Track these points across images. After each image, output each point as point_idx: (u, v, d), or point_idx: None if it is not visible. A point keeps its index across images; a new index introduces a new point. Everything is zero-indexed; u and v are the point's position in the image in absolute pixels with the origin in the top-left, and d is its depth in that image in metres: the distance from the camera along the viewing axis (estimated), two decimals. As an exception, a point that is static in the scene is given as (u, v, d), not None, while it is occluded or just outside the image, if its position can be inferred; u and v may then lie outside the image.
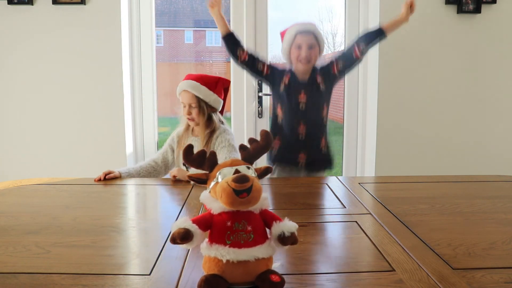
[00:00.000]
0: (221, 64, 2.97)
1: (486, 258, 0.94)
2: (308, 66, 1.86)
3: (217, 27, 1.87)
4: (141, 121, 2.65)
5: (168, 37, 2.99)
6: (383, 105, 2.48)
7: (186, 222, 0.76)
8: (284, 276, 0.79)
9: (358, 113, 2.68)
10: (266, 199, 0.81)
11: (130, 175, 1.76)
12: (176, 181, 1.66)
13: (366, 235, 1.07)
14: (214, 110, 1.85)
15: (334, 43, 2.89)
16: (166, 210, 1.44)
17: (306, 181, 1.74)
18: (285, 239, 0.78)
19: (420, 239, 1.04)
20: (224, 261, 0.75)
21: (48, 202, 1.40)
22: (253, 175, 0.78)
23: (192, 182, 1.54)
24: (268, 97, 2.63)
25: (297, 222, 0.81)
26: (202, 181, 0.82)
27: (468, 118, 2.53)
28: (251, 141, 0.86)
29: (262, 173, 0.85)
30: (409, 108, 2.50)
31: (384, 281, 0.83)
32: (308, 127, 1.86)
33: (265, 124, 2.64)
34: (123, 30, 2.43)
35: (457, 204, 1.34)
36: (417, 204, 1.34)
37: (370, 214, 1.24)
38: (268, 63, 1.90)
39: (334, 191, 1.51)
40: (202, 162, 0.82)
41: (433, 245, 1.00)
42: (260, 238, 0.78)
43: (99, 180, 1.65)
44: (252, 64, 1.87)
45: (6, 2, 2.36)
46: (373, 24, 2.49)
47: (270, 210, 0.83)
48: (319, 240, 1.06)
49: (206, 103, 1.81)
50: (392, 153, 2.52)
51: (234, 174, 0.76)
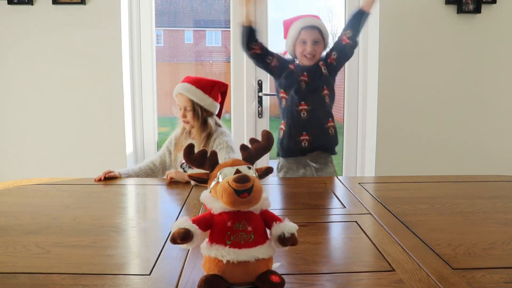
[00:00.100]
0: (221, 64, 2.97)
1: (486, 258, 0.94)
2: (313, 61, 1.89)
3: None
4: (141, 121, 2.65)
5: (168, 37, 2.98)
6: (383, 105, 2.48)
7: (186, 222, 0.76)
8: (284, 276, 0.79)
9: (358, 113, 2.68)
10: (266, 199, 0.81)
11: (129, 176, 1.77)
12: (171, 182, 1.64)
13: (366, 235, 1.07)
14: (209, 113, 1.84)
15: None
16: (166, 210, 1.44)
17: (306, 181, 1.74)
18: (285, 240, 0.78)
19: (420, 239, 1.04)
20: (224, 261, 0.75)
21: (48, 202, 1.40)
22: (254, 175, 0.78)
23: (192, 183, 1.56)
24: (268, 97, 2.63)
25: (297, 222, 0.81)
26: (202, 180, 0.82)
27: (468, 118, 2.53)
28: (252, 141, 0.86)
29: (263, 173, 0.85)
30: (409, 108, 2.50)
31: (384, 281, 0.83)
32: (309, 106, 1.89)
33: (265, 124, 2.63)
34: (123, 30, 2.43)
35: (457, 204, 1.34)
36: (417, 204, 1.34)
37: (370, 214, 1.24)
38: (276, 55, 1.93)
39: (334, 191, 1.51)
40: (203, 161, 0.82)
41: (433, 245, 1.00)
42: (260, 239, 0.78)
43: (99, 180, 1.65)
44: (262, 57, 1.90)
45: (6, 2, 2.35)
46: (373, 24, 2.49)
47: (270, 210, 0.83)
48: (319, 240, 1.06)
49: (201, 107, 1.80)
50: (392, 153, 2.51)
51: (235, 174, 0.76)
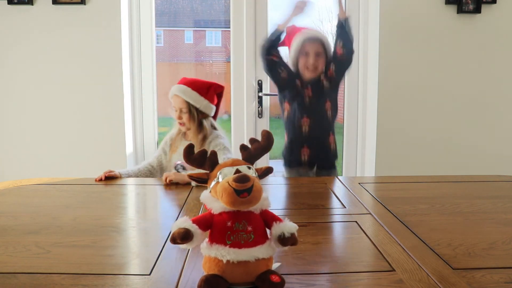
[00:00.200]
0: (221, 64, 2.96)
1: (486, 258, 0.94)
2: (315, 73, 1.88)
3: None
4: (141, 121, 2.65)
5: (168, 37, 2.98)
6: (383, 105, 2.48)
7: (186, 222, 0.76)
8: (284, 276, 0.79)
9: (358, 113, 2.68)
10: (266, 199, 0.81)
11: (129, 176, 1.77)
12: (168, 184, 1.59)
13: (366, 235, 1.07)
14: (205, 115, 1.83)
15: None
16: (166, 210, 1.44)
17: (306, 181, 1.74)
18: (285, 240, 0.78)
19: (420, 239, 1.04)
20: (224, 261, 0.75)
21: (48, 202, 1.40)
22: (254, 175, 0.78)
23: (193, 184, 1.56)
24: (268, 97, 2.63)
25: (297, 222, 0.81)
26: (202, 180, 0.82)
27: (468, 118, 2.53)
28: (252, 141, 0.86)
29: (263, 173, 0.85)
30: (409, 108, 2.50)
31: (384, 281, 0.83)
32: (311, 120, 1.88)
33: (265, 124, 2.63)
34: (123, 30, 2.43)
35: (457, 204, 1.34)
36: (417, 204, 1.34)
37: (370, 214, 1.24)
38: (288, 68, 1.91)
39: (334, 191, 1.51)
40: (203, 161, 0.82)
41: (433, 245, 1.00)
42: (260, 238, 0.78)
43: (100, 180, 1.65)
44: (276, 66, 1.88)
45: (6, 2, 2.35)
46: (373, 24, 2.49)
47: (270, 210, 0.83)
48: (319, 240, 1.06)
49: (196, 109, 1.80)
50: (392, 153, 2.51)
51: (234, 174, 0.76)
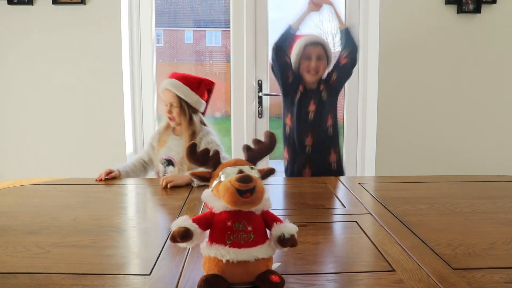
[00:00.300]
0: (221, 64, 2.96)
1: (486, 258, 0.94)
2: (316, 77, 1.88)
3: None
4: (141, 121, 2.65)
5: (168, 37, 2.98)
6: (383, 105, 2.48)
7: (186, 221, 0.76)
8: (284, 276, 0.79)
9: (358, 113, 2.68)
10: (268, 200, 0.81)
11: (128, 175, 1.77)
12: (168, 188, 1.55)
13: (366, 235, 1.07)
14: (195, 111, 1.82)
15: (334, 43, 2.89)
16: (166, 210, 1.44)
17: (306, 181, 1.74)
18: (284, 241, 0.78)
19: (420, 239, 1.04)
20: (224, 261, 0.75)
21: (48, 202, 1.40)
22: (256, 176, 0.78)
23: (194, 184, 1.56)
24: (268, 97, 2.63)
25: (297, 222, 0.81)
26: (205, 179, 0.82)
27: (468, 118, 2.53)
28: (255, 141, 0.86)
29: (265, 174, 0.85)
30: (409, 108, 2.50)
31: (384, 281, 0.83)
32: (314, 140, 1.88)
33: (265, 124, 2.63)
34: (123, 30, 2.43)
35: (457, 204, 1.34)
36: (417, 204, 1.34)
37: (370, 214, 1.24)
38: (295, 73, 1.90)
39: (334, 191, 1.51)
40: (206, 160, 0.82)
41: (433, 245, 1.00)
42: (260, 239, 0.78)
43: (100, 180, 1.65)
44: (287, 67, 1.87)
45: (6, 2, 2.35)
46: (373, 24, 2.49)
47: (271, 211, 0.83)
48: (319, 240, 1.06)
49: (187, 104, 1.78)
50: (392, 153, 2.51)
51: (237, 174, 0.76)
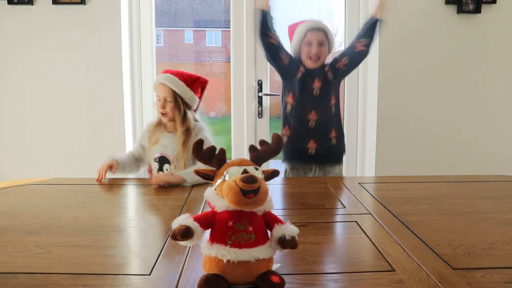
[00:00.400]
0: (221, 64, 2.96)
1: (486, 258, 0.94)
2: (317, 63, 1.88)
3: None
4: (141, 121, 2.65)
5: (168, 37, 2.98)
6: (383, 105, 2.48)
7: (187, 219, 0.76)
8: (284, 276, 0.79)
9: (358, 113, 2.68)
10: (270, 201, 0.81)
11: (124, 167, 1.74)
12: (162, 186, 1.58)
13: (366, 235, 1.07)
14: (189, 107, 1.80)
15: (334, 43, 2.89)
16: (166, 210, 1.43)
17: (306, 181, 1.74)
18: (285, 243, 0.78)
19: (420, 239, 1.04)
20: (224, 261, 0.75)
21: (48, 202, 1.40)
22: (260, 177, 0.78)
23: (187, 183, 1.56)
24: (268, 97, 2.63)
25: (297, 222, 0.81)
26: (209, 177, 0.82)
27: (468, 117, 2.53)
28: (262, 143, 0.86)
29: (269, 175, 0.85)
30: (409, 108, 2.50)
31: (384, 281, 0.83)
32: (318, 115, 1.88)
33: (265, 124, 2.63)
34: (123, 30, 2.43)
35: (457, 204, 1.34)
36: (417, 204, 1.34)
37: (370, 214, 1.24)
38: (289, 54, 1.91)
39: (334, 191, 1.51)
40: (211, 158, 0.82)
41: (433, 245, 1.00)
42: (261, 239, 0.78)
43: (100, 179, 1.65)
44: (276, 50, 1.88)
45: (6, 2, 2.35)
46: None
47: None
48: (319, 240, 1.06)
49: (182, 99, 1.76)
50: (392, 153, 2.51)
51: (242, 174, 0.76)
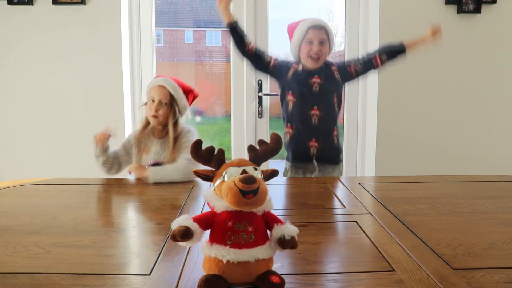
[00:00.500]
0: (221, 64, 2.96)
1: (486, 258, 0.94)
2: (318, 63, 1.85)
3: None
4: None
5: (168, 37, 2.98)
6: (383, 105, 2.48)
7: (186, 220, 0.76)
8: (284, 276, 0.79)
9: (358, 113, 2.68)
10: (270, 201, 0.81)
11: (112, 158, 1.73)
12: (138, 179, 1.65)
13: (366, 235, 1.07)
14: (180, 115, 1.79)
15: (334, 43, 2.89)
16: (166, 210, 1.43)
17: (306, 181, 1.74)
18: (285, 243, 0.78)
19: (420, 239, 1.04)
20: (224, 261, 0.75)
21: (48, 202, 1.39)
22: (260, 177, 0.78)
23: (149, 180, 1.57)
24: (268, 97, 2.63)
25: (297, 222, 0.81)
26: (208, 178, 0.82)
27: (468, 118, 2.53)
28: (261, 142, 0.85)
29: (268, 175, 0.84)
30: (409, 108, 2.50)
31: (384, 281, 0.83)
32: (320, 112, 1.84)
33: (265, 124, 2.63)
34: (123, 30, 2.43)
35: (457, 204, 1.34)
36: (417, 204, 1.34)
37: (370, 214, 1.24)
38: (274, 56, 1.89)
39: (334, 191, 1.51)
40: (210, 158, 0.82)
41: (433, 245, 1.00)
42: (260, 239, 0.78)
43: (102, 142, 1.68)
44: (259, 55, 1.86)
45: (6, 2, 2.35)
46: (373, 23, 2.49)
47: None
48: (319, 240, 1.06)
49: (177, 105, 1.75)
50: (392, 153, 2.51)
51: (241, 174, 0.76)
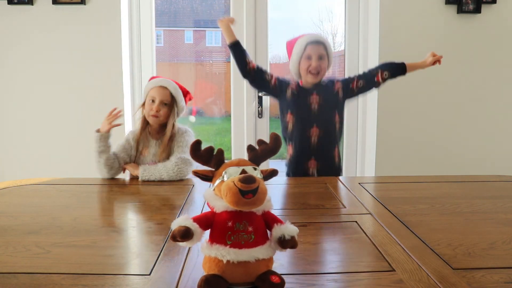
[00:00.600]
0: (221, 64, 2.97)
1: (486, 258, 0.94)
2: (317, 78, 1.85)
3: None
4: (141, 121, 2.64)
5: (168, 37, 2.98)
6: (383, 105, 2.48)
7: (186, 220, 0.76)
8: (284, 276, 0.79)
9: (358, 113, 2.68)
10: (269, 201, 0.81)
11: (111, 157, 1.71)
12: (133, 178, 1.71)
13: (366, 235, 1.07)
14: (177, 116, 1.80)
15: (334, 43, 2.89)
16: (166, 210, 1.43)
17: (306, 181, 1.74)
18: (284, 242, 0.78)
19: (420, 239, 1.04)
20: (224, 261, 0.75)
21: (48, 202, 1.40)
22: (259, 177, 0.78)
23: (140, 178, 1.59)
24: (268, 97, 2.63)
25: (297, 222, 0.81)
26: (207, 178, 0.82)
27: (468, 118, 2.53)
28: (260, 142, 0.85)
29: (267, 175, 0.84)
30: (409, 108, 2.50)
31: (384, 281, 0.83)
32: (320, 131, 1.85)
33: (265, 124, 2.64)
34: (123, 30, 2.43)
35: (457, 204, 1.34)
36: (417, 204, 1.34)
37: (370, 214, 1.24)
38: (274, 74, 1.89)
39: (334, 191, 1.51)
40: (209, 158, 0.82)
41: (433, 245, 1.00)
42: (260, 239, 0.78)
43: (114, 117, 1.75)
44: (260, 74, 1.86)
45: (6, 2, 2.36)
46: (373, 23, 2.49)
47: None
48: (319, 240, 1.06)
49: (177, 106, 1.77)
50: (392, 153, 2.51)
51: (240, 174, 0.76)
